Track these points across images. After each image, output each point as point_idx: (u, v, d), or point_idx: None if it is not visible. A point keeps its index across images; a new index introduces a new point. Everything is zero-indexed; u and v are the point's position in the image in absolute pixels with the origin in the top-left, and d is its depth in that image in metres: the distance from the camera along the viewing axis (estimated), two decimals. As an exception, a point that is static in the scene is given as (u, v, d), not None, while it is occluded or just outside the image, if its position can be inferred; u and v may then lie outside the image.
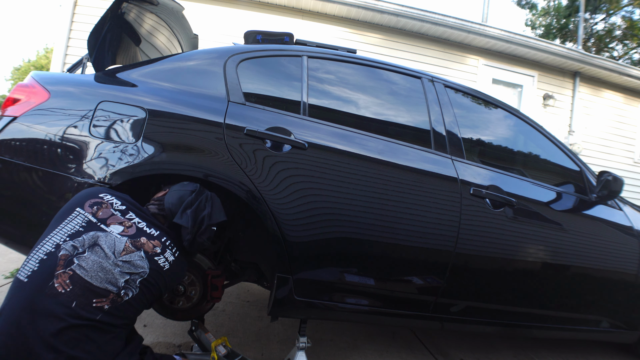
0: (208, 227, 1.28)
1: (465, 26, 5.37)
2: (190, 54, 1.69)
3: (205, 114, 1.47)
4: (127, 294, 1.06)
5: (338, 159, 1.55)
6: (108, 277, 1.04)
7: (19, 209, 1.38)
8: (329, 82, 1.79)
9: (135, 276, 1.09)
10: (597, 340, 2.26)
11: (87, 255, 1.05)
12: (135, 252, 1.12)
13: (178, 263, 1.21)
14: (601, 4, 14.37)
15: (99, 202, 1.16)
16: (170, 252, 1.19)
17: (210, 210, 1.29)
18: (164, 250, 1.18)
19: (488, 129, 2.08)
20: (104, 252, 1.07)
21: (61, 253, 1.04)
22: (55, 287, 0.98)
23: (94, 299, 1.01)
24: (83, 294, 1.00)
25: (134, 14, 2.00)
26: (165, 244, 1.19)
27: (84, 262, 1.03)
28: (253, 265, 1.79)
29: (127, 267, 1.08)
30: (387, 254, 1.59)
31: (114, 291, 1.04)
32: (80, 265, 1.02)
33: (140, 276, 1.10)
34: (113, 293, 1.04)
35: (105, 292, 1.03)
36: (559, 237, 1.84)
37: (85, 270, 1.02)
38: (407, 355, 2.02)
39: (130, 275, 1.08)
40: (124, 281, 1.06)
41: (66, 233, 1.08)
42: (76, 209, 1.13)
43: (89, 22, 4.81)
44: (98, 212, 1.14)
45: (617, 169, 6.19)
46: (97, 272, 1.03)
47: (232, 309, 2.32)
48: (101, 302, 1.02)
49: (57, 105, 1.42)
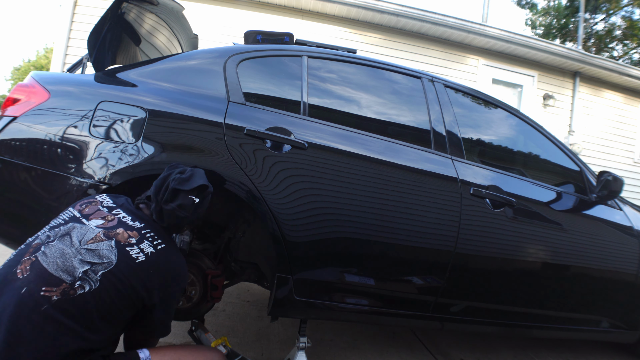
0: (177, 192, 1.12)
1: (465, 26, 5.37)
2: (190, 54, 1.69)
3: (206, 113, 1.47)
4: (82, 286, 0.91)
5: (338, 159, 1.55)
6: (66, 265, 0.93)
7: (19, 209, 1.38)
8: (329, 82, 1.79)
9: (97, 267, 0.94)
10: (597, 340, 2.26)
11: (54, 243, 0.97)
12: (105, 241, 0.99)
13: (159, 257, 1.04)
14: (601, 4, 14.37)
15: (89, 201, 1.12)
16: (148, 243, 1.04)
17: (180, 177, 1.15)
18: (140, 241, 1.04)
19: (488, 129, 2.08)
20: (70, 240, 0.98)
21: (35, 242, 0.99)
22: (16, 272, 0.92)
23: (44, 286, 0.89)
24: (34, 279, 0.90)
25: (134, 14, 2.00)
26: (144, 235, 1.06)
27: (49, 249, 0.96)
28: (253, 265, 1.79)
29: (89, 256, 0.96)
30: (387, 253, 1.59)
31: (67, 281, 0.91)
32: (44, 252, 0.95)
33: (104, 268, 0.95)
34: (66, 283, 0.91)
35: (57, 280, 0.91)
36: (559, 237, 1.84)
37: (46, 257, 0.94)
38: (407, 355, 2.02)
39: (91, 265, 0.94)
40: (82, 271, 0.93)
41: (49, 226, 1.04)
42: (68, 209, 1.11)
43: (89, 22, 4.81)
44: (85, 209, 1.09)
45: (617, 169, 6.19)
46: (55, 259, 0.93)
47: (232, 309, 2.32)
48: (50, 292, 0.89)
49: (57, 105, 1.41)
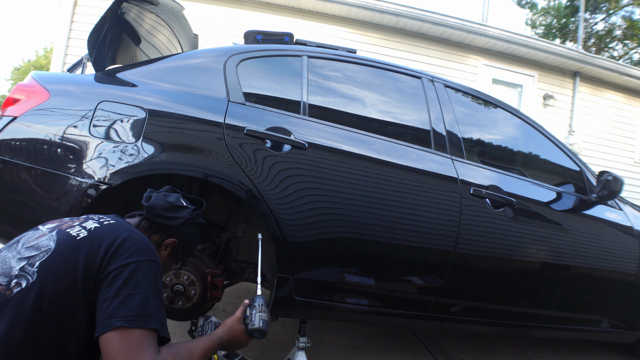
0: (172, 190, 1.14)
1: (465, 26, 5.37)
2: (190, 54, 1.69)
3: (206, 113, 1.47)
4: (19, 283, 0.78)
5: (338, 158, 1.55)
6: (4, 268, 0.81)
7: (19, 209, 1.38)
8: (329, 82, 1.79)
9: (34, 259, 0.81)
10: (597, 340, 2.26)
11: (1, 253, 0.86)
12: (47, 234, 0.87)
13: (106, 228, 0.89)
14: (601, 4, 14.37)
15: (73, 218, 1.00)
16: (93, 222, 0.91)
17: None
18: (85, 221, 0.91)
19: (488, 129, 2.08)
20: (16, 246, 0.87)
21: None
22: None
23: None
24: None
25: (134, 14, 2.00)
26: (91, 217, 0.94)
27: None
28: (253, 265, 1.79)
29: (28, 251, 0.83)
30: (387, 254, 1.59)
31: (3, 283, 0.78)
32: None
33: (42, 257, 0.81)
34: (2, 285, 0.78)
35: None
36: (559, 237, 1.84)
37: None
38: (407, 355, 2.02)
39: (28, 259, 0.82)
40: (18, 268, 0.80)
41: None
42: None
43: (89, 22, 4.81)
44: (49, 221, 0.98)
45: (617, 169, 6.19)
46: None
47: (232, 309, 2.32)
48: None
49: (57, 105, 1.41)
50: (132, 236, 0.89)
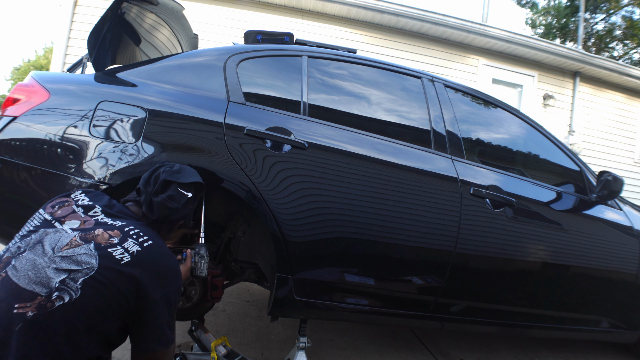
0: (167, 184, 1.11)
1: (465, 26, 5.37)
2: (190, 54, 1.69)
3: (206, 113, 1.47)
4: (61, 297, 0.81)
5: (338, 158, 1.55)
6: (39, 277, 0.83)
7: (19, 208, 1.38)
8: (329, 82, 1.79)
9: (76, 274, 0.84)
10: (597, 340, 2.26)
11: (25, 254, 0.87)
12: (82, 245, 0.89)
13: (147, 254, 0.95)
14: (601, 4, 14.37)
15: (62, 201, 1.02)
16: (133, 242, 0.94)
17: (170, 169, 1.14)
18: (123, 239, 0.94)
19: (488, 128, 2.08)
20: (42, 249, 0.88)
21: (5, 255, 0.89)
22: None
23: (16, 303, 0.79)
24: (6, 298, 0.80)
25: (134, 14, 2.00)
26: (127, 232, 0.96)
27: (19, 261, 0.86)
28: (253, 265, 1.79)
29: (65, 263, 0.85)
30: (387, 253, 1.59)
31: (42, 294, 0.81)
32: (14, 265, 0.85)
33: (85, 274, 0.85)
34: (41, 296, 0.80)
35: (31, 294, 0.80)
36: (559, 237, 1.84)
37: (16, 270, 0.84)
38: (407, 355, 2.02)
39: (69, 273, 0.84)
40: (58, 281, 0.83)
41: (19, 234, 0.95)
42: (38, 211, 1.00)
43: (89, 22, 4.80)
44: (57, 211, 0.99)
45: (617, 169, 6.19)
46: (27, 272, 0.83)
47: (232, 309, 2.32)
48: (24, 308, 0.78)
49: (57, 105, 1.41)
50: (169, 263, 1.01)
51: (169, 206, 1.10)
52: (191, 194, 1.15)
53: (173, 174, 1.14)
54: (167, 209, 1.10)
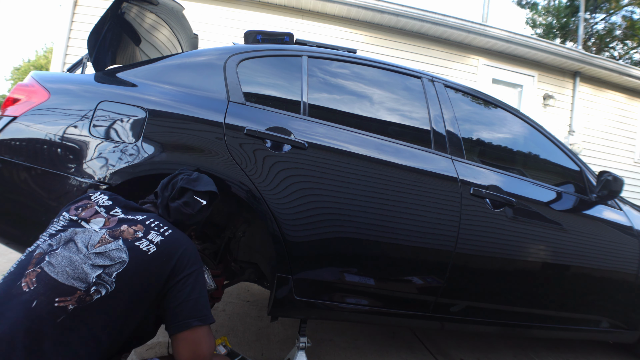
0: (184, 191, 1.16)
1: (465, 26, 5.38)
2: (190, 54, 1.69)
3: (206, 113, 1.47)
4: (98, 291, 0.90)
5: (338, 158, 1.55)
6: (77, 273, 0.90)
7: (19, 208, 1.38)
8: (329, 82, 1.79)
9: (110, 269, 0.93)
10: (597, 340, 2.26)
11: (59, 252, 0.94)
12: (113, 242, 0.97)
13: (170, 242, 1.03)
14: (601, 4, 14.37)
15: (85, 203, 1.08)
16: (155, 233, 1.02)
17: (188, 177, 1.19)
18: (147, 232, 1.02)
19: (488, 128, 2.08)
20: (76, 247, 0.95)
21: (36, 252, 0.95)
22: (21, 286, 0.88)
23: (57, 297, 0.86)
24: (45, 291, 0.87)
25: (134, 14, 2.00)
26: (149, 225, 1.04)
27: (54, 258, 0.92)
28: (253, 265, 1.79)
29: (100, 259, 0.93)
30: (387, 253, 1.59)
31: (81, 288, 0.89)
32: (49, 262, 0.91)
33: (118, 268, 0.93)
34: (80, 290, 0.88)
35: (70, 289, 0.88)
36: (559, 237, 1.84)
37: (53, 267, 0.90)
38: (407, 355, 2.02)
39: (104, 268, 0.92)
40: (95, 276, 0.91)
41: (47, 233, 1.01)
42: (62, 214, 1.06)
43: (89, 22, 4.82)
44: (81, 213, 1.05)
45: (617, 169, 6.20)
46: (64, 268, 0.90)
47: (232, 309, 2.32)
48: (65, 301, 0.86)
49: (57, 105, 1.41)
50: (189, 246, 1.06)
51: (184, 212, 1.15)
52: (205, 201, 1.19)
53: (190, 181, 1.19)
54: (182, 214, 1.15)
